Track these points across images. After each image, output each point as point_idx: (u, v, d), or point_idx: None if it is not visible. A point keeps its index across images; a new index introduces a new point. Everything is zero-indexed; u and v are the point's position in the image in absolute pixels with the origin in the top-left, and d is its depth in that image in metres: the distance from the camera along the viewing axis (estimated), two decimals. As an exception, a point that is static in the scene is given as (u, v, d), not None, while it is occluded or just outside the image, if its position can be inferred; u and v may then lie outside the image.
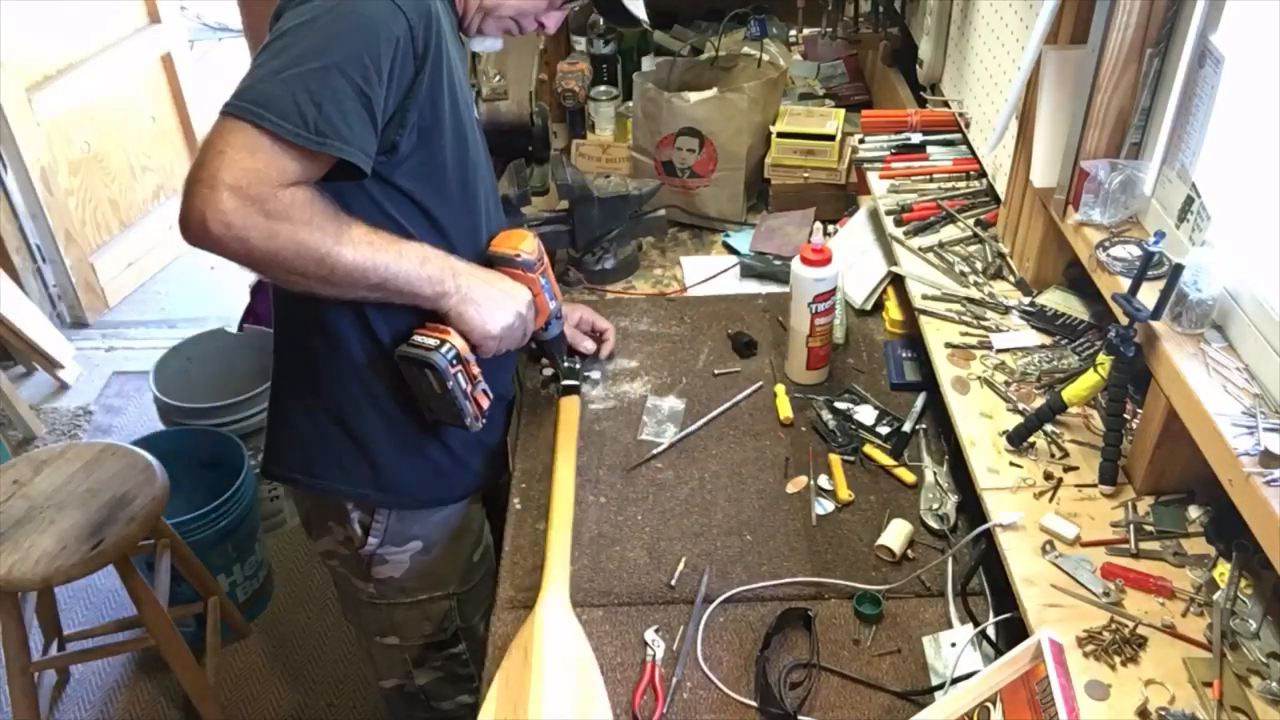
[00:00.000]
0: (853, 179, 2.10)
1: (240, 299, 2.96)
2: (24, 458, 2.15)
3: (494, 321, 1.32)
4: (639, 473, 1.55)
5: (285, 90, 1.08)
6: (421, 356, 1.30)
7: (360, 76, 1.12)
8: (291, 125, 1.08)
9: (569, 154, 2.29)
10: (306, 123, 1.08)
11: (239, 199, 1.06)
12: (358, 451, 1.42)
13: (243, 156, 1.07)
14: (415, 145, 1.25)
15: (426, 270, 1.25)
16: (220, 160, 1.06)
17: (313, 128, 1.09)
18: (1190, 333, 1.21)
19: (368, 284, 1.20)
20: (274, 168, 1.08)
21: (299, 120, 1.08)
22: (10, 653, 2.07)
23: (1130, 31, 1.31)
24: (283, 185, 1.09)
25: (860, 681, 1.25)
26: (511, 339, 1.37)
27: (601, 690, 1.22)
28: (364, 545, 1.46)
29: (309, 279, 1.16)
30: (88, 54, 3.58)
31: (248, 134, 1.07)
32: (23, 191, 3.40)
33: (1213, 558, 1.21)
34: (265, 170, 1.08)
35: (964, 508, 1.45)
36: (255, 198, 1.07)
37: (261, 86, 1.09)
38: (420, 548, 1.49)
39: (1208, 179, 1.26)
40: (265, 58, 1.12)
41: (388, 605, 1.53)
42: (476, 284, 1.32)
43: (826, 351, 1.70)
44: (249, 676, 2.49)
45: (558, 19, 1.44)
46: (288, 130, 1.08)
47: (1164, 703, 1.07)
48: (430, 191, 1.30)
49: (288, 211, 1.10)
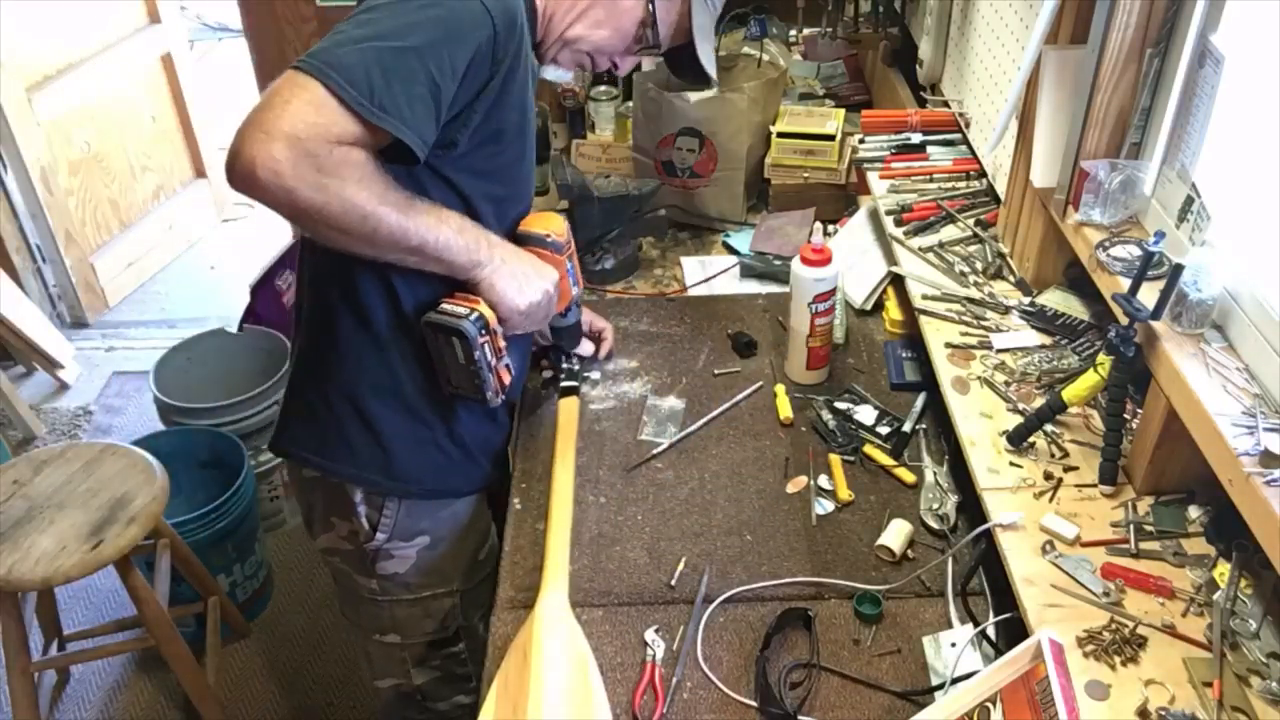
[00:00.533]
0: (853, 179, 2.10)
1: (240, 299, 2.96)
2: (24, 458, 2.15)
3: (523, 296, 1.33)
4: (639, 473, 1.55)
5: (360, 59, 1.10)
6: (450, 323, 1.29)
7: (435, 67, 1.14)
8: (356, 92, 1.09)
9: (569, 154, 2.29)
10: (372, 94, 1.10)
11: (293, 150, 1.07)
12: (371, 437, 1.41)
13: (305, 110, 1.08)
14: (473, 145, 1.27)
15: (464, 238, 1.26)
16: (282, 109, 1.07)
17: (376, 101, 1.10)
18: (1190, 333, 1.21)
19: (407, 245, 1.20)
20: (334, 125, 1.09)
21: (366, 90, 1.10)
22: (10, 653, 2.07)
23: (1130, 31, 1.31)
24: (339, 143, 1.11)
25: (860, 681, 1.25)
26: (536, 318, 1.37)
27: (601, 691, 1.22)
28: (371, 539, 1.46)
29: (350, 236, 1.16)
30: (88, 54, 3.58)
31: (313, 89, 1.08)
32: (23, 191, 3.40)
33: (1213, 558, 1.21)
34: (325, 126, 1.09)
35: (964, 508, 1.45)
36: (310, 151, 1.08)
37: (339, 51, 1.10)
38: (427, 543, 1.49)
39: (1208, 179, 1.26)
40: (349, 27, 1.14)
41: (390, 602, 1.53)
42: (510, 258, 1.33)
43: (826, 351, 1.70)
44: (249, 676, 2.49)
45: (631, 63, 1.49)
46: (351, 96, 1.09)
47: (1164, 703, 1.07)
48: (478, 189, 1.32)
49: (339, 168, 1.10)
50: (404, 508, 1.46)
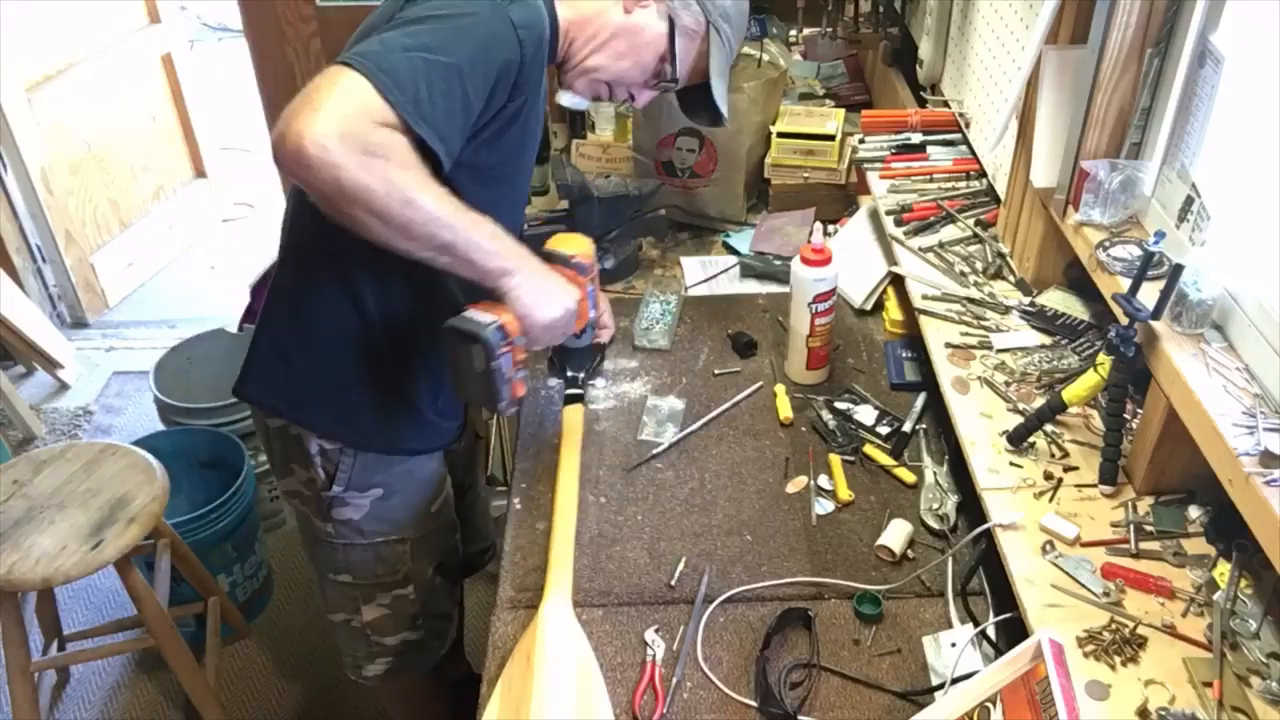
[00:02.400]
0: (853, 179, 2.10)
1: (240, 299, 2.96)
2: (24, 458, 2.15)
3: (546, 311, 1.33)
4: (639, 473, 1.55)
5: (408, 66, 1.15)
6: (472, 330, 1.28)
7: (471, 86, 1.19)
8: (402, 95, 1.13)
9: (569, 154, 2.29)
10: (417, 101, 1.14)
11: (341, 128, 1.10)
12: (334, 392, 1.45)
13: (353, 97, 1.12)
14: (477, 154, 1.30)
15: (496, 244, 1.27)
16: (332, 91, 1.11)
17: (419, 107, 1.15)
18: (1190, 333, 1.21)
19: (440, 241, 1.21)
20: (379, 111, 1.13)
21: (411, 94, 1.14)
22: (10, 653, 2.07)
23: (1130, 31, 1.31)
24: (384, 125, 1.14)
25: (860, 681, 1.25)
26: (554, 334, 1.38)
27: (603, 694, 1.23)
28: (328, 490, 1.50)
29: (388, 224, 1.16)
30: (88, 54, 3.58)
31: (361, 83, 1.12)
32: (23, 191, 3.40)
33: (1213, 558, 1.21)
34: (372, 111, 1.12)
35: (964, 508, 1.45)
36: (356, 131, 1.11)
37: (390, 56, 1.15)
38: (381, 494, 1.52)
39: (1208, 179, 1.26)
40: (396, 35, 1.18)
41: (344, 545, 1.57)
42: (537, 271, 1.34)
43: (826, 351, 1.70)
44: (249, 676, 2.49)
45: (648, 97, 1.52)
46: (397, 98, 1.13)
47: (1164, 703, 1.07)
48: (474, 193, 1.32)
49: (385, 149, 1.13)
50: (360, 461, 1.49)
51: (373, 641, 1.68)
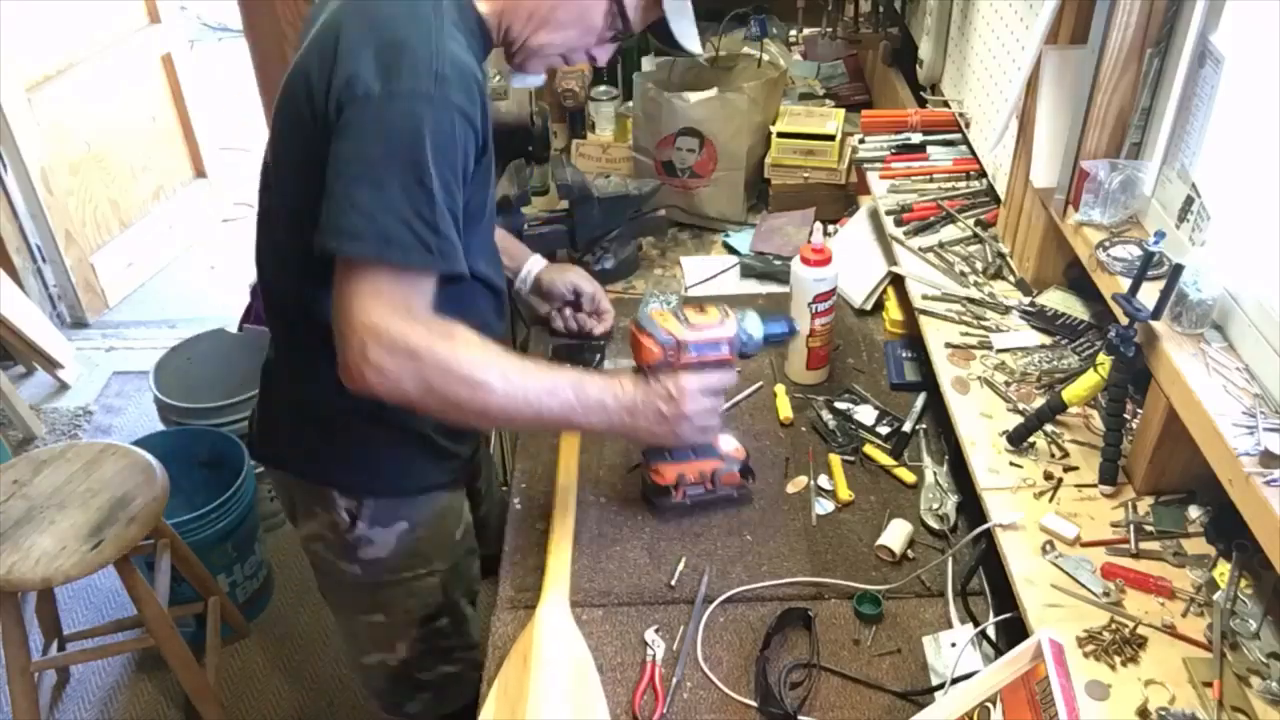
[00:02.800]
0: (853, 179, 2.10)
1: (240, 299, 2.96)
2: (24, 458, 2.15)
3: (671, 438, 1.36)
4: (639, 472, 1.55)
5: (398, 219, 1.12)
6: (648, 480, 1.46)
7: (448, 192, 1.17)
8: (418, 257, 1.13)
9: (569, 154, 2.29)
10: (430, 249, 1.14)
11: (392, 354, 1.12)
12: (343, 445, 1.43)
13: (381, 300, 1.12)
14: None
15: (584, 399, 1.27)
16: (356, 303, 1.12)
17: (435, 251, 1.14)
18: (1190, 333, 1.21)
19: (523, 419, 1.24)
20: (411, 301, 1.14)
21: (423, 249, 1.13)
22: (10, 653, 2.07)
23: (1130, 31, 1.31)
24: (422, 323, 1.15)
25: (860, 681, 1.25)
26: (699, 431, 1.38)
27: (600, 694, 1.23)
28: (351, 530, 1.48)
29: (464, 411, 1.20)
30: (88, 54, 3.58)
31: (374, 275, 1.12)
32: (23, 191, 3.40)
33: (1213, 558, 1.21)
34: (405, 311, 1.13)
35: (964, 508, 1.45)
36: (407, 350, 1.13)
37: (381, 221, 1.12)
38: (406, 528, 1.51)
39: (1208, 179, 1.26)
40: (361, 188, 1.13)
41: (374, 584, 1.55)
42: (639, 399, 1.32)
43: (826, 351, 1.70)
44: (249, 676, 2.49)
45: (608, 51, 1.45)
46: (415, 260, 1.13)
47: (1164, 703, 1.07)
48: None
49: (435, 357, 1.14)
50: (382, 500, 1.48)
51: (411, 679, 1.65)
